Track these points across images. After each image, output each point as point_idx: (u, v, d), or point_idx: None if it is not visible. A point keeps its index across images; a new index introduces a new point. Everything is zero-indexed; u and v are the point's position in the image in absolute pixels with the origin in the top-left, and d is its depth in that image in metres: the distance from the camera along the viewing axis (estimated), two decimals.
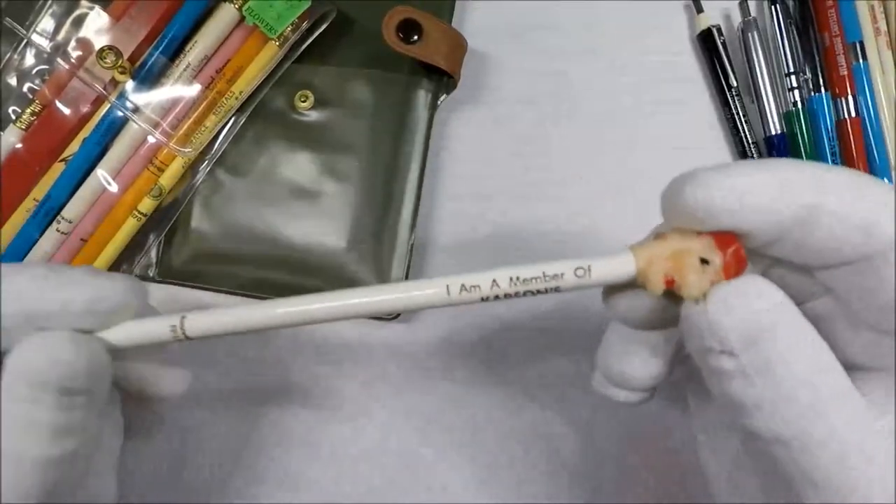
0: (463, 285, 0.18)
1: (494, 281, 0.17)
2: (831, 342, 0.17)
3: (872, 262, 0.16)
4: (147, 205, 0.31)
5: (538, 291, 0.17)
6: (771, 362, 0.15)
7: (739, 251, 0.16)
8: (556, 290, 0.17)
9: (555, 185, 0.33)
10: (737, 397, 0.16)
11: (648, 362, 0.20)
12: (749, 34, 0.33)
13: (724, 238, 0.16)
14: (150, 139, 0.30)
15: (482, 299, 0.17)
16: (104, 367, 0.19)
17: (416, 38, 0.30)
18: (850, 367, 0.16)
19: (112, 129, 0.30)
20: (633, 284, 0.18)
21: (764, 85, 0.33)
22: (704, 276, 0.16)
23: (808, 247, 0.16)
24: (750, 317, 0.16)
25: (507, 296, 0.17)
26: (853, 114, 0.32)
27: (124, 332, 0.20)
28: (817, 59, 0.32)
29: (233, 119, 0.31)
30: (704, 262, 0.16)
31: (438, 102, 0.32)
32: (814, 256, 0.17)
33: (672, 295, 0.17)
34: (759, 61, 0.33)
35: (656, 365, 0.20)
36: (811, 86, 0.32)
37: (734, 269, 0.16)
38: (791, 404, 0.15)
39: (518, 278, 0.17)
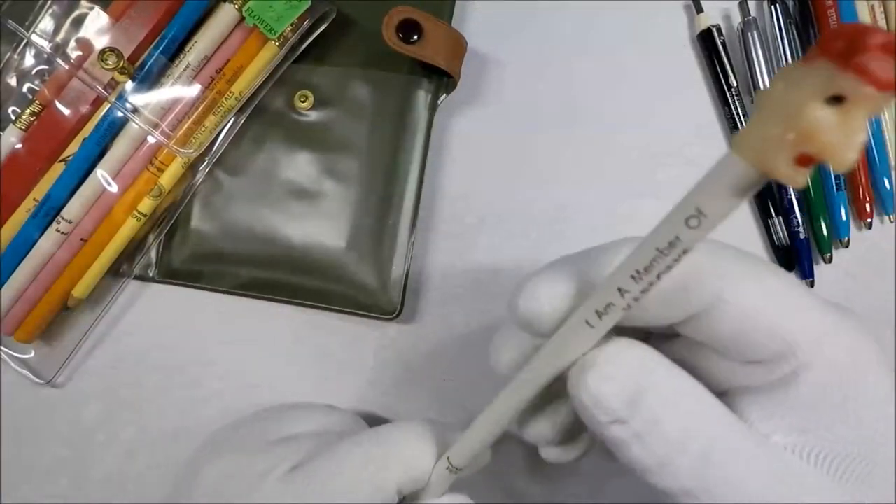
0: (597, 311, 0.16)
1: (620, 290, 0.15)
2: (701, 374, 0.18)
3: (701, 318, 0.17)
4: (147, 205, 0.31)
5: (669, 268, 0.14)
6: (659, 421, 0.16)
7: (878, 41, 0.10)
8: (685, 253, 0.14)
9: (555, 184, 0.33)
10: (639, 462, 0.17)
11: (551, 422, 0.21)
12: (749, 34, 0.33)
13: (843, 41, 0.10)
14: (150, 139, 0.30)
15: (624, 310, 0.15)
16: None
17: (416, 38, 0.30)
18: (720, 394, 0.18)
19: (112, 129, 0.30)
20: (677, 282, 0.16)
21: (764, 85, 0.33)
22: (850, 119, 0.10)
23: (646, 318, 0.17)
24: (628, 381, 0.16)
25: (644, 292, 0.15)
26: None
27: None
28: None
29: (233, 119, 0.31)
30: (837, 99, 0.10)
31: (438, 102, 0.32)
32: (652, 323, 0.17)
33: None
34: (758, 61, 0.33)
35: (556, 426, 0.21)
36: None
37: (886, 74, 0.09)
38: (687, 457, 0.16)
39: (639, 271, 0.14)
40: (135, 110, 0.30)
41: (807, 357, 0.17)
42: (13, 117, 0.30)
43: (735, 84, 0.33)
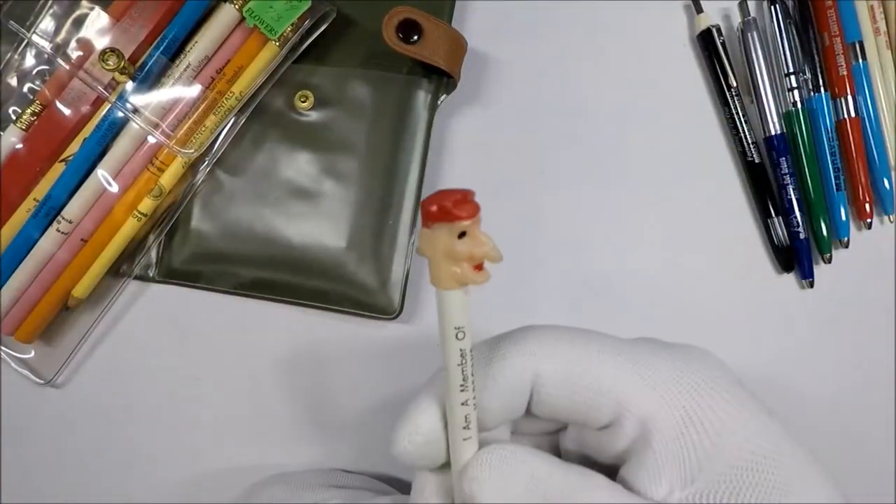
0: (463, 427, 0.18)
1: (464, 403, 0.17)
2: (590, 453, 0.19)
3: (534, 400, 0.18)
4: (147, 205, 0.31)
5: (473, 366, 0.17)
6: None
7: (453, 199, 0.15)
8: (471, 352, 0.17)
9: (555, 184, 0.33)
10: None
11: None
12: (748, 34, 0.33)
13: (438, 209, 0.15)
14: (151, 139, 0.30)
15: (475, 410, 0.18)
16: None
17: (415, 38, 0.30)
18: (612, 470, 0.19)
19: (112, 129, 0.30)
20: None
21: (763, 85, 0.33)
22: (474, 237, 0.16)
23: (486, 421, 0.19)
24: (501, 486, 0.17)
25: (475, 390, 0.18)
26: (853, 114, 0.32)
27: None
28: (817, 59, 0.32)
29: (233, 119, 0.31)
30: (461, 234, 0.16)
31: (438, 102, 0.32)
32: (498, 421, 0.19)
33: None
34: (758, 61, 0.33)
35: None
36: (811, 86, 0.32)
37: (466, 212, 0.15)
38: None
39: (462, 383, 0.17)
40: (135, 110, 0.30)
41: (643, 410, 0.17)
42: (14, 117, 0.30)
43: (735, 84, 0.33)
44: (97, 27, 0.30)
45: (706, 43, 0.33)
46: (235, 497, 0.30)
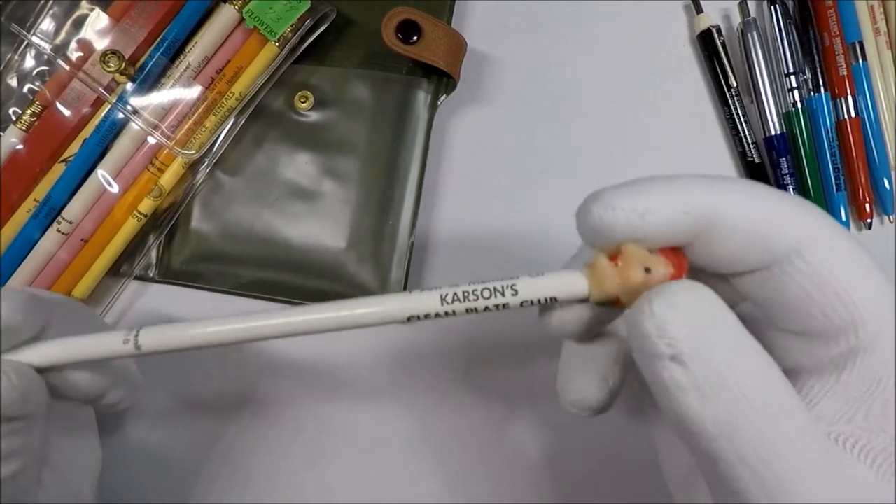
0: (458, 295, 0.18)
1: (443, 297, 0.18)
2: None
3: (773, 271, 0.16)
4: (147, 205, 0.31)
5: (485, 309, 0.18)
6: (722, 371, 0.15)
7: (683, 264, 0.17)
8: (505, 306, 0.18)
9: (555, 185, 0.33)
10: (692, 417, 0.15)
11: (600, 386, 0.20)
12: (748, 34, 0.33)
13: (671, 253, 0.17)
14: (151, 140, 0.30)
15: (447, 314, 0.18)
16: (35, 390, 0.20)
17: (415, 38, 0.30)
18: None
19: (113, 129, 0.30)
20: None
21: (763, 85, 0.33)
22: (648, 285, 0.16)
23: (715, 258, 0.17)
24: (696, 311, 0.15)
25: (449, 314, 0.18)
26: (853, 114, 0.32)
27: (61, 350, 0.20)
28: (817, 59, 0.32)
29: (233, 120, 0.31)
30: (647, 271, 0.16)
31: (438, 103, 0.32)
32: (723, 266, 0.17)
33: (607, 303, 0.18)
34: (758, 61, 0.33)
35: (606, 388, 0.20)
36: (811, 86, 0.32)
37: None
38: (751, 423, 0.15)
39: (459, 295, 0.18)
40: (135, 111, 0.30)
41: (868, 339, 0.16)
42: (14, 118, 0.30)
43: (735, 84, 0.33)
44: (97, 28, 0.30)
45: (706, 43, 0.33)
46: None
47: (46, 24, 0.30)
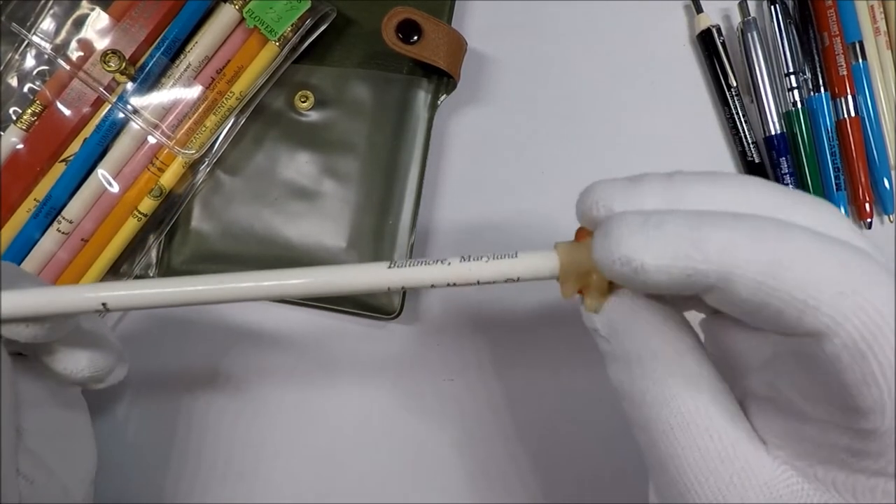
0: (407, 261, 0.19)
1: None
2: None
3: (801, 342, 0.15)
4: (147, 205, 0.31)
5: (456, 284, 0.19)
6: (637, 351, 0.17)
7: None
8: (477, 283, 0.20)
9: (555, 184, 0.33)
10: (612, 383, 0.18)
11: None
12: (748, 34, 0.33)
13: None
14: (151, 139, 0.30)
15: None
16: None
17: (415, 38, 0.30)
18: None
19: (113, 129, 0.30)
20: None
21: (763, 85, 0.33)
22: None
23: (728, 310, 0.16)
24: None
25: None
26: (853, 114, 0.32)
27: (21, 300, 0.19)
28: (817, 59, 0.32)
29: (233, 119, 0.31)
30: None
31: (438, 102, 0.32)
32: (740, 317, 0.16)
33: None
34: (758, 61, 0.33)
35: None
36: (811, 86, 0.32)
37: None
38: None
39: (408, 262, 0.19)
40: (135, 111, 0.30)
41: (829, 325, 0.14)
42: (14, 117, 0.30)
43: (735, 84, 0.33)
44: (97, 28, 0.30)
45: (706, 43, 0.33)
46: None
47: (47, 24, 0.30)
